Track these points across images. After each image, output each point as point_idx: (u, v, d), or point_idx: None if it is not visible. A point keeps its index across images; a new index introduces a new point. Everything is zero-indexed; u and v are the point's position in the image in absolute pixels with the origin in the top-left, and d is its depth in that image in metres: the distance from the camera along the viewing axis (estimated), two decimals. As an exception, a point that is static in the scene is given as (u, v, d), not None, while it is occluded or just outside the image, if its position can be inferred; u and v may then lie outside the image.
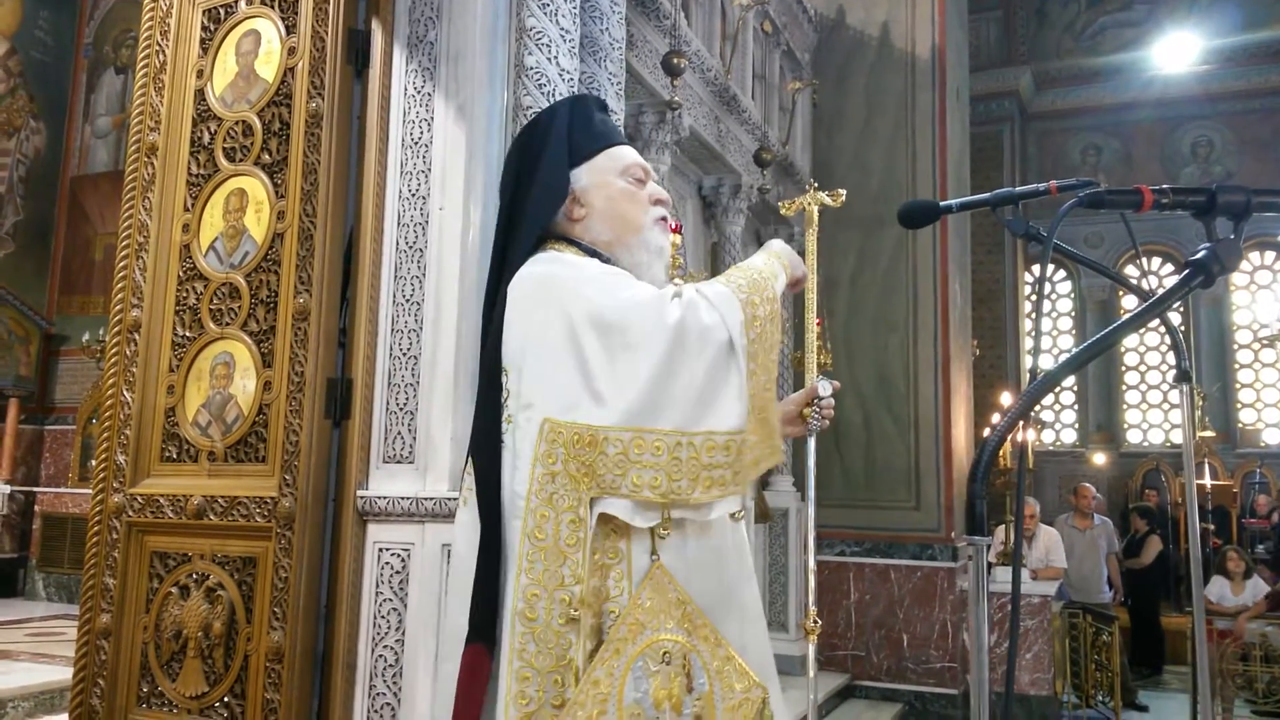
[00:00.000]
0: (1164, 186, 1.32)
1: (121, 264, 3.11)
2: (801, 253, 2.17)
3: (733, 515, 1.72)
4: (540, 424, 1.62)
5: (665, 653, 1.60)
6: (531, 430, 1.63)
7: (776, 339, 1.69)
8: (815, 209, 2.54)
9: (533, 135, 1.91)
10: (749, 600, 1.79)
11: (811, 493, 2.50)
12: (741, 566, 1.78)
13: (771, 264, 1.81)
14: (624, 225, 1.84)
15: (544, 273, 1.73)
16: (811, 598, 2.48)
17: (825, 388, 2.05)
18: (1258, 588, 7.30)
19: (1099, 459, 13.05)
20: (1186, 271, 1.23)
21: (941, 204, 1.78)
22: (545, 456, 1.61)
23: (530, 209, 1.82)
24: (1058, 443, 13.67)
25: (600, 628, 1.61)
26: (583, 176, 1.84)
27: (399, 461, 2.76)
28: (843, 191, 2.58)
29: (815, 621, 2.39)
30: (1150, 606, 9.25)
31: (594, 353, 1.61)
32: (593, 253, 1.82)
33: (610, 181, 1.85)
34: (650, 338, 1.60)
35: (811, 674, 2.48)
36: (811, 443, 2.37)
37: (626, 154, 1.89)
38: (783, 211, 2.70)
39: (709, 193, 5.79)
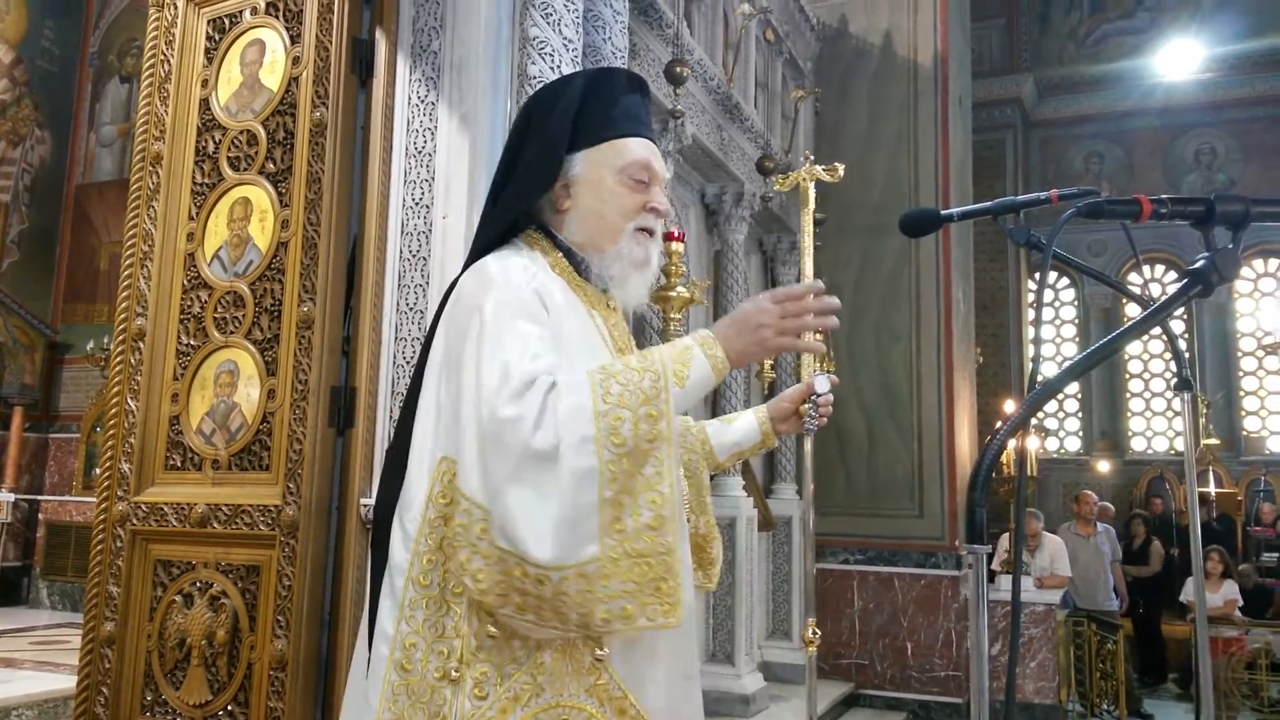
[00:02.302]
0: (1163, 196, 1.32)
1: (126, 273, 3.13)
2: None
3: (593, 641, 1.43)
4: (438, 461, 1.46)
5: None
6: (428, 465, 1.47)
7: (661, 459, 1.36)
8: (810, 185, 2.43)
9: (536, 106, 1.67)
10: (687, 661, 1.60)
11: (809, 496, 2.44)
12: (683, 628, 1.50)
13: (685, 360, 1.45)
14: (602, 231, 1.61)
15: (471, 283, 1.52)
16: (811, 604, 2.46)
17: (823, 384, 1.88)
18: (1230, 590, 7.55)
19: (1103, 467, 13.05)
20: (1185, 281, 1.23)
21: (943, 213, 1.75)
22: (439, 497, 1.44)
23: (510, 190, 1.62)
24: (1062, 450, 13.67)
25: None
26: (578, 164, 1.60)
27: (402, 469, 2.77)
28: (840, 166, 2.48)
29: (814, 632, 2.36)
30: (1155, 615, 9.22)
31: (461, 407, 1.42)
32: (568, 251, 1.63)
33: (603, 178, 1.60)
34: (477, 421, 1.38)
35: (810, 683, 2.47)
36: (809, 444, 2.33)
37: (632, 149, 1.62)
38: (777, 187, 2.63)
39: (712, 201, 5.80)
